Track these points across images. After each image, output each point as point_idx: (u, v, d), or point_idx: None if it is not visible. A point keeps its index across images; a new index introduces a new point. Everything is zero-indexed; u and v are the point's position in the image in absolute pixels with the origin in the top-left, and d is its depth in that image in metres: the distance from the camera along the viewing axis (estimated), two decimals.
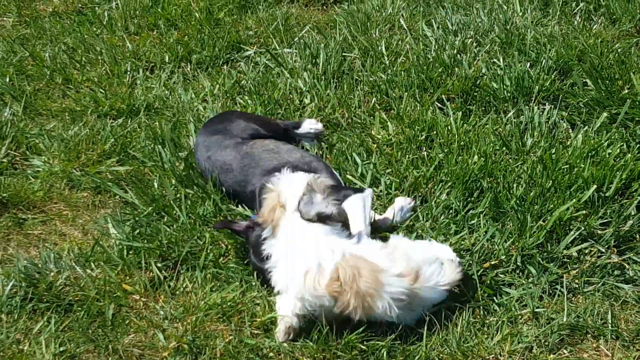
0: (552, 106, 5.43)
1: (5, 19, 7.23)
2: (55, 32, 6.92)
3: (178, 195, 4.84)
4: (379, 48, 6.25)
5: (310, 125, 5.35)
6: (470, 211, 4.64)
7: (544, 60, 5.78)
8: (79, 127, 5.54)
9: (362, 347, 3.91)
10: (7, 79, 6.10)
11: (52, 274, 4.35)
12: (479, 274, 4.24)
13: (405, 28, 6.58)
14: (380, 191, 4.77)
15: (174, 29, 6.86)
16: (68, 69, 6.29)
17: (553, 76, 5.66)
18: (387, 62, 6.09)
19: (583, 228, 4.41)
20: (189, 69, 6.34)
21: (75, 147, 5.33)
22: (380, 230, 4.49)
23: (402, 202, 4.65)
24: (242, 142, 4.89)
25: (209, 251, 4.42)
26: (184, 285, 4.32)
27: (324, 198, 4.28)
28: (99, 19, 7.03)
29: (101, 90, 6.01)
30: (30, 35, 6.93)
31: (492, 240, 4.43)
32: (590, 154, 4.87)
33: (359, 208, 4.32)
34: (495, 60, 5.94)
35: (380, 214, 4.64)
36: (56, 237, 4.75)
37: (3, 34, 6.87)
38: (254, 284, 4.27)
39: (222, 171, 4.80)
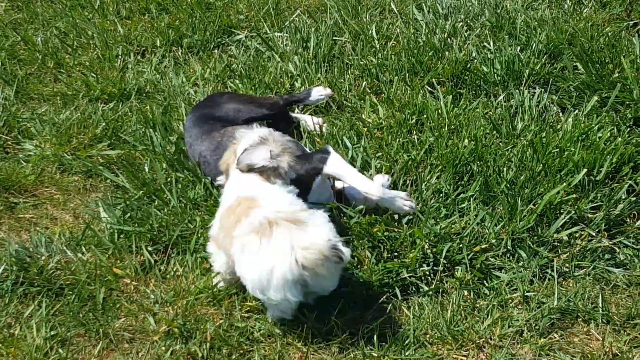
0: (543, 90, 5.43)
1: None
2: (47, 17, 6.90)
3: (169, 179, 4.84)
4: (370, 32, 6.24)
5: (319, 92, 5.37)
6: (461, 195, 4.65)
7: (534, 44, 5.78)
8: (70, 111, 5.53)
9: (352, 330, 3.92)
10: (0, 64, 6.10)
11: (43, 257, 4.36)
12: (469, 257, 4.26)
13: (396, 12, 6.58)
14: (370, 174, 4.77)
15: (166, 13, 6.85)
16: (60, 53, 6.28)
17: (543, 60, 5.67)
18: (378, 46, 6.08)
19: (573, 212, 4.43)
20: (180, 53, 6.32)
21: (67, 131, 5.33)
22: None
23: (381, 180, 4.66)
24: (216, 130, 4.84)
25: (199, 235, 4.42)
26: (174, 269, 4.33)
27: (272, 152, 4.24)
28: (91, 3, 7.02)
29: (93, 74, 6.00)
30: (22, 19, 6.91)
31: (483, 224, 4.44)
32: (580, 137, 4.88)
33: (342, 165, 4.38)
34: (485, 44, 5.94)
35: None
36: (47, 221, 4.75)
37: None
38: None
39: (201, 162, 4.79)
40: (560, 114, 5.28)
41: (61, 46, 6.39)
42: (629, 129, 4.99)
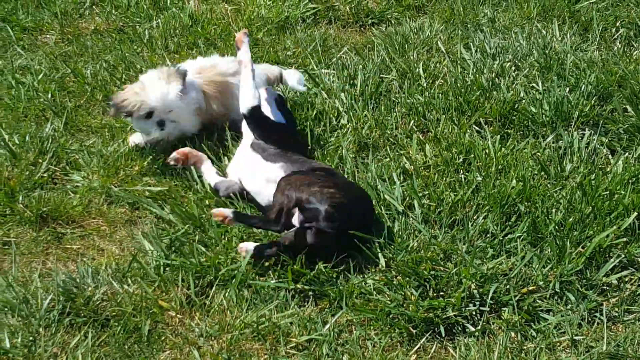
0: (592, 132, 5.40)
1: (48, 36, 7.30)
2: (97, 50, 6.98)
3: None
4: (417, 70, 6.25)
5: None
6: (508, 235, 4.61)
7: (583, 86, 5.75)
8: (118, 144, 5.57)
9: None
10: (49, 95, 6.15)
11: (89, 288, 4.37)
12: (516, 299, 4.21)
13: (443, 51, 6.59)
14: (415, 215, 4.75)
15: (213, 48, 6.89)
16: (108, 85, 6.33)
17: (593, 101, 5.64)
18: (425, 85, 6.09)
19: (623, 255, 4.38)
20: None
21: (114, 163, 5.36)
22: None
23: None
24: None
25: (245, 270, 4.42)
26: (219, 303, 4.32)
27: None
28: (140, 37, 7.09)
29: None
30: (72, 52, 6.99)
31: (530, 265, 4.40)
32: (630, 180, 4.83)
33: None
34: (533, 84, 5.92)
35: None
36: (94, 252, 4.77)
37: (46, 51, 6.94)
38: (291, 304, 4.27)
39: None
40: (610, 157, 5.24)
41: (110, 79, 6.45)
42: None
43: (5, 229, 4.90)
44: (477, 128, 5.57)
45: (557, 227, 4.57)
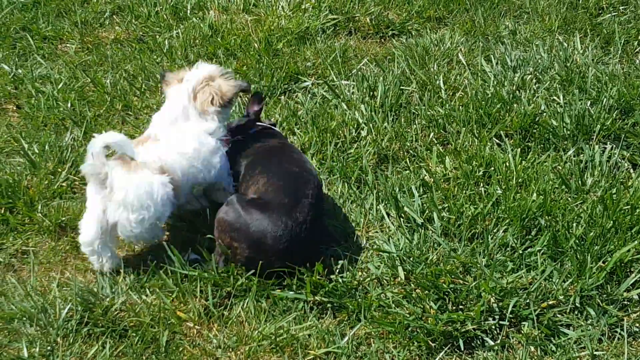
0: (613, 145, 5.37)
1: (68, 45, 7.32)
2: (117, 59, 7.00)
3: None
4: (437, 82, 6.24)
5: None
6: (528, 249, 4.58)
7: (604, 99, 5.73)
8: None
9: None
10: (69, 104, 6.16)
11: (107, 299, 4.37)
12: (536, 313, 4.18)
13: (464, 63, 6.57)
14: (435, 228, 4.73)
15: (233, 59, 6.90)
16: (128, 95, 6.35)
17: (614, 115, 5.61)
18: (445, 97, 6.07)
19: None
20: (245, 98, 6.35)
21: None
22: None
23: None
24: None
25: (263, 282, 4.41)
26: (237, 314, 4.31)
27: None
28: (160, 47, 7.10)
29: None
30: (92, 61, 7.01)
31: (550, 279, 4.37)
32: None
33: None
34: (554, 97, 5.90)
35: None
36: None
37: (66, 60, 6.96)
38: (309, 316, 4.26)
39: None
40: (632, 171, 5.21)
41: (129, 88, 6.46)
42: None
43: (24, 238, 4.90)
44: (497, 141, 5.55)
45: (577, 241, 4.54)
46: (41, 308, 4.27)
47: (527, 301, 4.23)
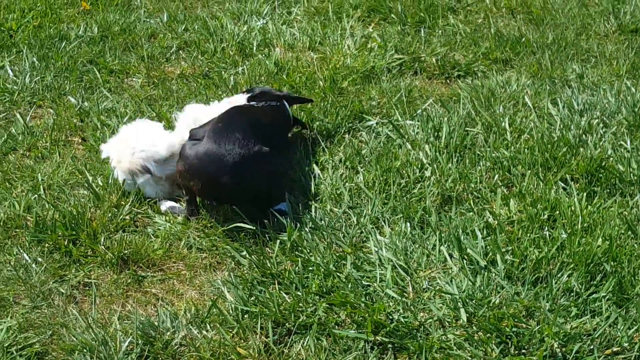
0: None
1: (134, 79, 7.46)
2: (182, 94, 7.10)
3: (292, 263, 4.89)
4: (503, 124, 6.22)
5: None
6: (593, 295, 4.52)
7: None
8: None
9: None
10: None
11: (168, 333, 4.40)
12: (600, 359, 4.12)
13: (530, 105, 6.55)
14: (498, 271, 4.70)
15: None
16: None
17: None
18: (510, 139, 6.05)
19: None
20: (311, 135, 6.40)
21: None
22: None
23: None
24: None
25: (324, 320, 4.41)
26: (297, 352, 4.31)
27: None
28: (225, 83, 7.19)
29: None
30: (157, 95, 7.12)
31: (615, 326, 4.31)
32: None
33: None
34: (622, 142, 5.85)
35: None
36: (173, 296, 4.81)
37: (132, 94, 7.08)
38: (370, 355, 4.24)
39: None
40: None
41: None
42: None
43: (86, 270, 4.97)
44: (563, 185, 5.50)
45: None
46: (102, 340, 4.32)
47: (591, 347, 4.18)
